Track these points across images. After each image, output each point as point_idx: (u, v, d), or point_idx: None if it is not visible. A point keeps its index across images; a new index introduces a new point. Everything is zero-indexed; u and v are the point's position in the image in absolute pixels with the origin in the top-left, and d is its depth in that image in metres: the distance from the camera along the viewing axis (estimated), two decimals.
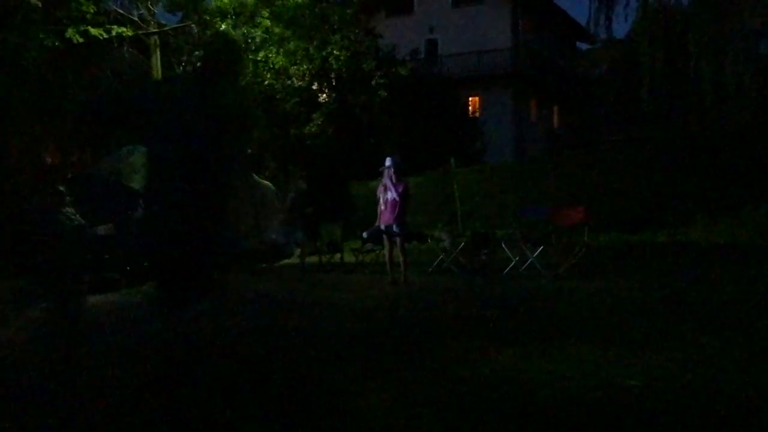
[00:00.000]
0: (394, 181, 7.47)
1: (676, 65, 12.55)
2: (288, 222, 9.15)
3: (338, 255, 10.17)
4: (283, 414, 3.16)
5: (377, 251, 9.50)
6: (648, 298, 5.93)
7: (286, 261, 11.01)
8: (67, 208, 7.96)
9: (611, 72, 27.09)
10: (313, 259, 10.37)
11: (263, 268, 10.02)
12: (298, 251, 11.84)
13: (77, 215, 8.00)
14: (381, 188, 7.68)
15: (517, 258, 8.15)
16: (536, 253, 7.89)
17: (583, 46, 32.41)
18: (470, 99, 25.52)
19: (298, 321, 5.52)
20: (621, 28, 78.83)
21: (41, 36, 12.53)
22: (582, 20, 14.90)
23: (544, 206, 10.13)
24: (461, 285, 7.21)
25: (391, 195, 7.46)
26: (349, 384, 3.58)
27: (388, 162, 7.55)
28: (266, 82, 16.12)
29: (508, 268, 7.92)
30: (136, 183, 9.25)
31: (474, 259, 8.51)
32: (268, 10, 14.65)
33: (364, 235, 8.62)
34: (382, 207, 7.58)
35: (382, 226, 7.58)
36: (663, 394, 3.23)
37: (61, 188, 8.48)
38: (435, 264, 8.71)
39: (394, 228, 7.43)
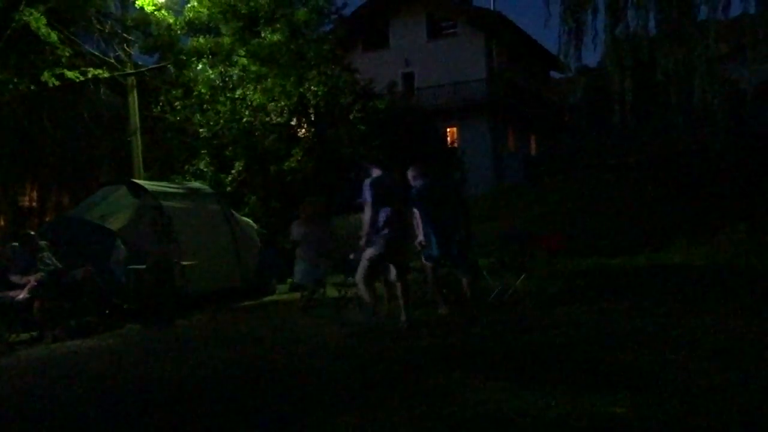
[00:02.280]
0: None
1: (646, 92, 12.83)
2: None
3: (321, 290, 10.10)
4: None
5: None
6: (628, 326, 5.95)
7: (270, 298, 10.91)
8: (44, 253, 7.88)
9: (585, 100, 27.63)
10: (295, 295, 10.29)
11: (245, 306, 9.92)
12: (281, 287, 11.77)
13: (53, 259, 7.92)
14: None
15: (499, 287, 8.16)
16: (518, 281, 7.91)
17: (557, 74, 33.11)
18: (448, 130, 25.81)
19: (279, 358, 5.46)
20: (594, 56, 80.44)
21: (15, 81, 12.50)
22: (554, 49, 15.26)
23: (524, 233, 10.20)
24: (443, 316, 7.17)
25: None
26: (333, 420, 3.54)
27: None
28: (244, 119, 16.16)
29: (492, 296, 7.91)
30: (115, 225, 9.16)
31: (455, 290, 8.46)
32: (244, 49, 14.76)
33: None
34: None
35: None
36: (647, 421, 3.23)
37: (32, 233, 8.41)
38: (418, 294, 8.68)
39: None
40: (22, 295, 7.22)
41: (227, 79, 16.45)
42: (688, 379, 3.92)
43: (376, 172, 7.00)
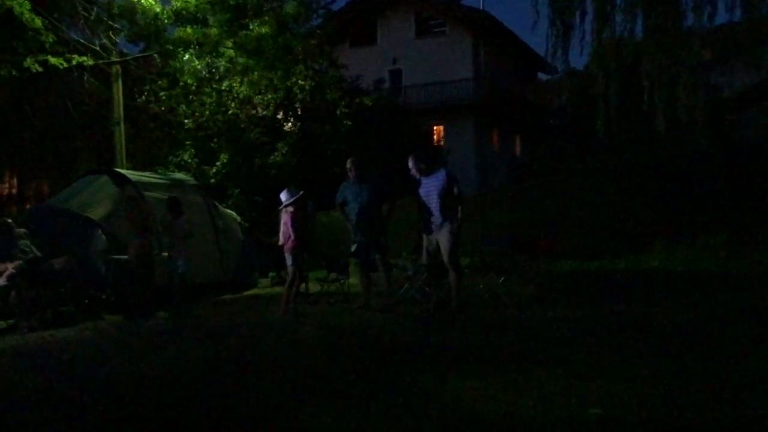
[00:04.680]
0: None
1: (630, 96, 12.93)
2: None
3: (303, 284, 10.06)
4: None
5: (342, 281, 9.44)
6: (609, 326, 6.00)
7: (251, 291, 10.85)
8: (22, 241, 7.78)
9: (570, 102, 27.79)
10: (278, 289, 10.26)
11: (226, 300, 9.86)
12: (263, 281, 11.71)
13: (32, 247, 7.82)
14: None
15: (481, 286, 8.19)
16: (499, 282, 7.94)
17: (544, 76, 33.25)
18: (434, 128, 25.84)
19: (259, 353, 5.43)
20: (581, 59, 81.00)
21: None
22: (542, 51, 15.37)
23: (505, 236, 10.23)
24: (424, 314, 7.19)
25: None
26: (309, 418, 3.52)
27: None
28: (230, 111, 16.07)
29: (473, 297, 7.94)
30: (96, 214, 9.05)
31: (438, 289, 8.49)
32: (231, 40, 14.66)
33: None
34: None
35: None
36: (624, 422, 3.25)
37: (9, 220, 8.28)
38: (400, 293, 8.69)
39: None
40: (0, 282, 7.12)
41: (214, 70, 16.34)
42: (664, 380, 3.95)
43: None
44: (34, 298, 7.41)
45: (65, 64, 13.04)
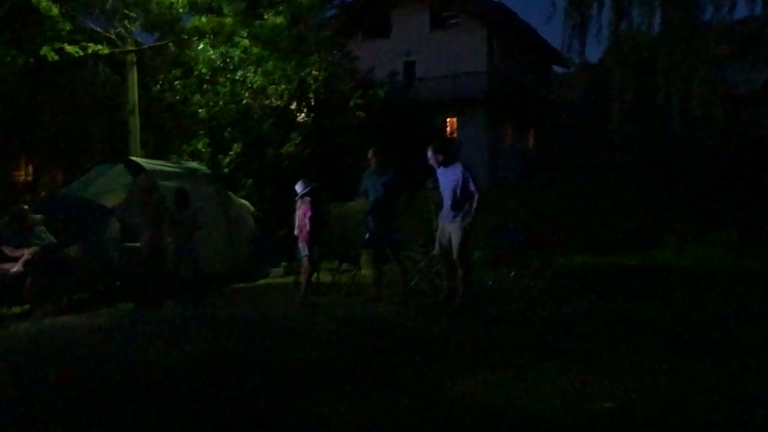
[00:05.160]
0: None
1: (646, 91, 12.82)
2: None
3: (315, 275, 10.09)
4: None
5: (354, 272, 9.46)
6: (620, 321, 5.98)
7: (262, 281, 10.90)
8: (38, 227, 7.85)
9: (585, 96, 27.60)
10: (289, 279, 10.31)
11: (237, 289, 9.91)
12: (274, 271, 11.76)
13: (47, 234, 7.89)
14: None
15: (491, 282, 8.19)
16: (510, 276, 7.94)
17: (559, 69, 33.02)
18: (448, 120, 25.77)
19: (266, 345, 5.46)
20: (596, 53, 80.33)
21: (14, 53, 12.38)
22: (557, 44, 15.30)
23: (517, 230, 10.20)
24: (434, 307, 7.20)
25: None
26: (318, 409, 3.54)
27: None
28: (244, 101, 16.10)
29: (484, 289, 7.94)
30: (110, 202, 9.12)
31: (449, 281, 8.48)
32: (246, 30, 14.67)
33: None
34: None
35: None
36: (635, 417, 3.25)
37: (26, 207, 8.37)
38: (411, 284, 8.70)
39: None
40: (15, 268, 7.19)
41: (228, 59, 16.37)
42: (675, 375, 3.94)
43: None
44: (48, 284, 7.50)
45: (81, 53, 13.11)
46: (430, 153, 7.30)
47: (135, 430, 3.31)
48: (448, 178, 7.13)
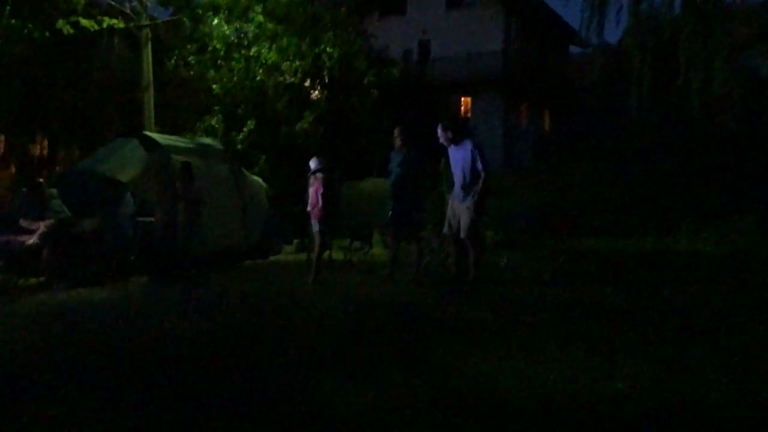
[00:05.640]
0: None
1: (665, 74, 12.65)
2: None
3: (327, 252, 10.14)
4: (263, 416, 3.15)
5: (366, 250, 9.50)
6: (633, 306, 5.97)
7: (275, 258, 10.96)
8: (54, 200, 7.91)
9: (602, 78, 27.26)
10: (301, 256, 10.36)
11: (250, 265, 9.97)
12: (286, 248, 11.82)
13: (63, 207, 7.96)
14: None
15: (506, 260, 8.18)
16: (523, 258, 7.93)
17: (576, 50, 32.60)
18: (462, 99, 25.58)
19: (278, 322, 5.50)
20: (614, 34, 79.10)
21: (30, 27, 12.40)
22: (575, 24, 15.08)
23: (530, 213, 10.17)
24: (447, 287, 7.21)
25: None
26: (330, 388, 3.57)
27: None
28: (258, 78, 16.07)
29: (497, 272, 7.93)
30: (125, 177, 9.16)
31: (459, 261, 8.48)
32: (261, 5, 14.61)
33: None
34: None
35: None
36: (646, 399, 3.26)
37: (41, 180, 8.44)
38: (423, 264, 8.71)
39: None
40: (32, 240, 7.27)
41: (242, 35, 16.32)
42: (687, 360, 3.94)
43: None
44: (64, 257, 7.58)
45: (96, 27, 13.12)
46: (440, 130, 7.25)
47: (147, 401, 3.36)
48: (458, 156, 7.09)
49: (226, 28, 15.55)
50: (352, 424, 3.00)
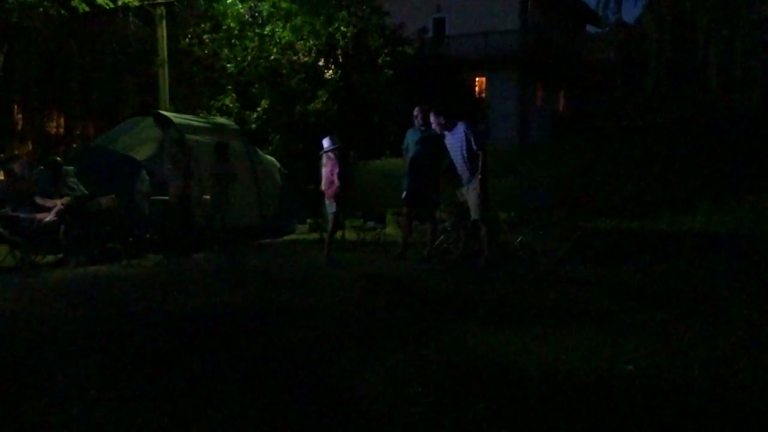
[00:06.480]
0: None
1: (683, 52, 12.44)
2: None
3: (340, 232, 10.15)
4: (274, 393, 3.18)
5: (379, 230, 9.48)
6: (646, 286, 5.94)
7: (289, 237, 10.99)
8: (70, 178, 7.99)
9: (619, 57, 26.86)
10: (315, 235, 10.39)
11: (263, 244, 10.01)
12: (300, 228, 11.86)
13: (79, 185, 8.03)
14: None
15: (520, 238, 8.14)
16: (536, 237, 7.88)
17: (593, 29, 32.10)
18: (477, 79, 25.33)
19: (292, 299, 5.53)
20: (632, 13, 77.86)
21: (45, 4, 12.42)
22: (592, 3, 14.84)
23: (545, 192, 10.09)
24: (460, 267, 7.21)
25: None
26: (342, 365, 3.59)
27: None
28: (272, 57, 16.01)
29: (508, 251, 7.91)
30: (140, 155, 9.22)
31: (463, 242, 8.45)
32: None
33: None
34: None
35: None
36: (658, 379, 3.25)
37: (58, 158, 8.50)
38: (436, 245, 8.71)
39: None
40: (49, 217, 7.34)
41: (257, 14, 16.24)
42: (699, 340, 3.91)
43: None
44: (81, 234, 7.65)
45: (111, 5, 13.11)
46: (432, 116, 7.24)
47: (164, 374, 3.40)
48: (455, 142, 7.11)
49: (240, 6, 15.48)
50: (365, 398, 3.03)
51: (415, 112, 7.62)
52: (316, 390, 3.17)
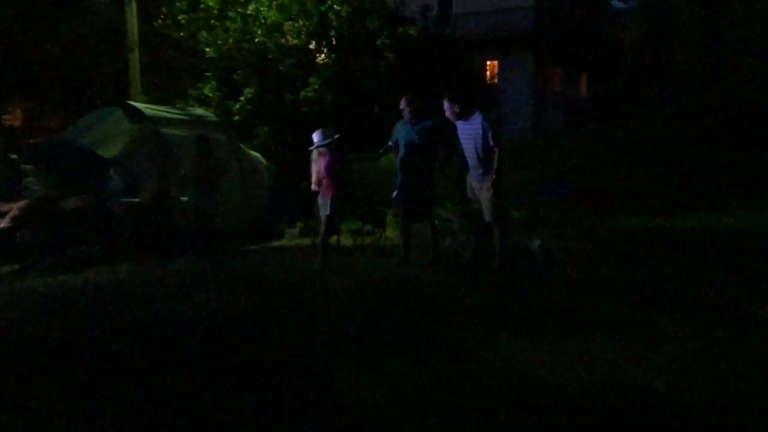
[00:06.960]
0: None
1: (714, 32, 12.43)
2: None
3: (335, 237, 10.14)
4: (276, 405, 3.21)
5: (379, 234, 9.48)
6: (672, 291, 5.95)
7: (277, 243, 10.99)
8: (29, 178, 7.95)
9: (645, 37, 26.87)
10: (306, 240, 10.38)
11: (253, 250, 10.01)
12: (289, 232, 11.84)
13: (41, 185, 8.01)
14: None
15: (538, 243, 8.15)
16: (554, 238, 7.89)
17: (618, 5, 32.10)
18: (488, 63, 25.34)
19: (292, 307, 5.55)
20: None
21: None
22: None
23: (562, 185, 10.11)
24: (470, 270, 7.22)
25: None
26: (349, 374, 3.64)
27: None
28: (257, 40, 16.00)
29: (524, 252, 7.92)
30: (109, 152, 9.21)
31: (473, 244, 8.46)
32: None
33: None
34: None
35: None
36: (682, 400, 3.27)
37: (14, 156, 8.48)
38: (444, 246, 8.70)
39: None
40: (2, 224, 7.31)
41: None
42: (723, 349, 3.93)
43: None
44: (43, 239, 7.65)
45: None
46: (446, 103, 7.23)
47: (137, 388, 3.42)
48: (468, 132, 7.08)
49: None
50: (367, 409, 3.07)
51: (402, 104, 7.63)
52: (316, 401, 3.20)
